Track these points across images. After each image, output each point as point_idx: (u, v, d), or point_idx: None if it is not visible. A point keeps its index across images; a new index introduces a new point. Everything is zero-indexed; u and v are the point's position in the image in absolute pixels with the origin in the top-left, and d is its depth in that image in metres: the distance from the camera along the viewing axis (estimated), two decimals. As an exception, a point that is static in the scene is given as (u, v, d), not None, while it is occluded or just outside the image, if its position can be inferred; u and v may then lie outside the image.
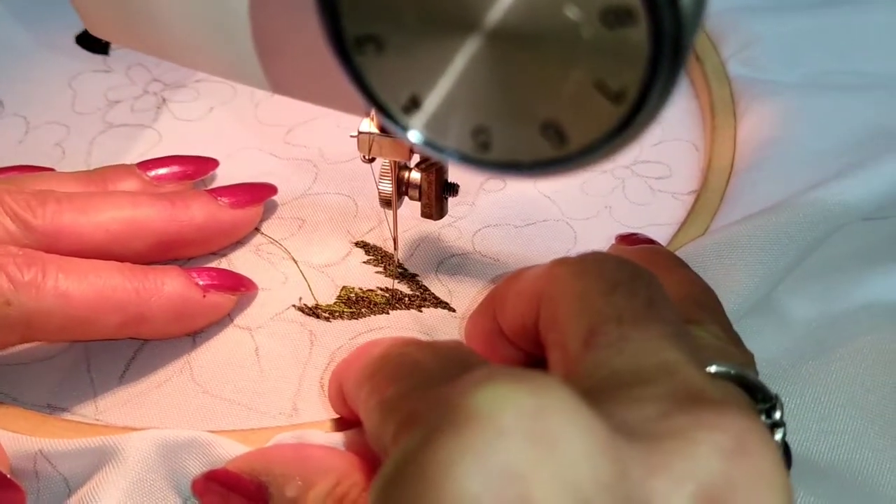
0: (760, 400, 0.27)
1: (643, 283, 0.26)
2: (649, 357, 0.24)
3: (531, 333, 0.29)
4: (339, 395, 0.32)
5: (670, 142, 0.45)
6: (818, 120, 0.42)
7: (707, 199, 0.41)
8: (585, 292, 0.26)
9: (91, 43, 0.50)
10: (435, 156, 0.26)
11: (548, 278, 0.28)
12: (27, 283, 0.32)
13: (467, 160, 0.26)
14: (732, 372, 0.26)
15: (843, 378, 0.35)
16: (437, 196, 0.36)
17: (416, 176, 0.36)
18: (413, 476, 0.20)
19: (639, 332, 0.24)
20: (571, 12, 0.22)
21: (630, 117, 0.23)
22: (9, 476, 0.30)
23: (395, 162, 0.35)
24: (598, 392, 0.23)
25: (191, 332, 0.36)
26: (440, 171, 0.36)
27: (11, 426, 0.32)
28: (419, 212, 0.37)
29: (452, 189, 0.36)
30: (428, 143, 0.26)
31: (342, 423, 0.33)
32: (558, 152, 0.24)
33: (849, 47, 0.46)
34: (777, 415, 0.27)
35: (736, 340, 0.29)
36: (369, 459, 0.29)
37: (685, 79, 0.48)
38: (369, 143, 0.34)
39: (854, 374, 0.35)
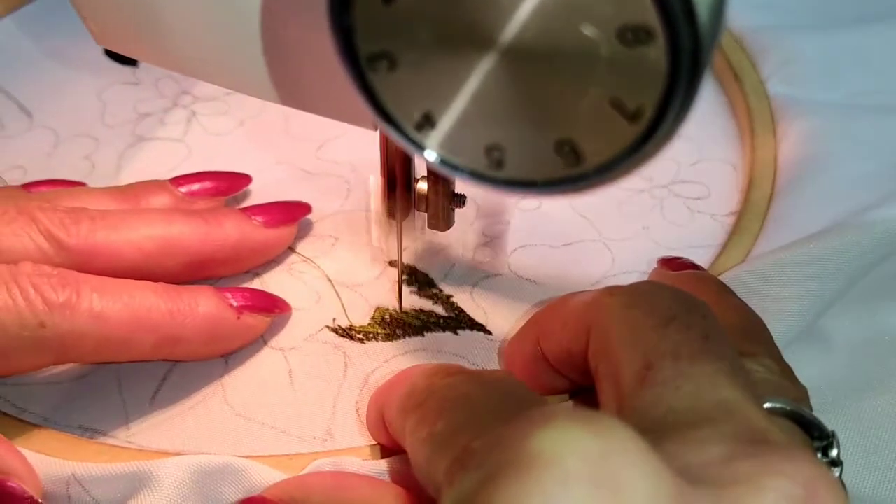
0: (816, 437, 0.26)
1: (698, 315, 0.25)
2: (708, 395, 0.23)
3: (577, 362, 0.28)
4: (378, 421, 0.31)
5: (708, 161, 0.44)
6: (860, 141, 0.41)
7: (748, 221, 0.40)
8: (638, 325, 0.25)
9: (120, 54, 0.49)
10: (448, 173, 0.26)
11: (597, 308, 0.27)
12: (62, 305, 0.31)
13: (480, 178, 0.25)
14: (788, 408, 0.26)
15: (889, 411, 0.34)
16: (445, 207, 0.36)
17: (422, 186, 0.35)
18: None
19: (695, 368, 0.24)
20: (588, 30, 0.21)
21: (646, 136, 0.22)
22: (41, 501, 0.30)
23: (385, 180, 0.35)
24: (657, 432, 0.22)
25: (224, 354, 0.36)
26: (447, 182, 0.35)
27: (44, 449, 0.32)
28: (426, 223, 0.36)
29: (460, 200, 0.36)
30: (441, 160, 0.25)
31: (381, 450, 0.32)
32: (573, 171, 0.24)
33: (888, 65, 0.45)
34: (834, 452, 0.26)
35: (789, 374, 0.28)
36: (413, 491, 0.29)
37: (723, 97, 0.47)
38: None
39: None
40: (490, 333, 0.37)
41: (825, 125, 0.42)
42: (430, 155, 0.25)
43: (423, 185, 0.35)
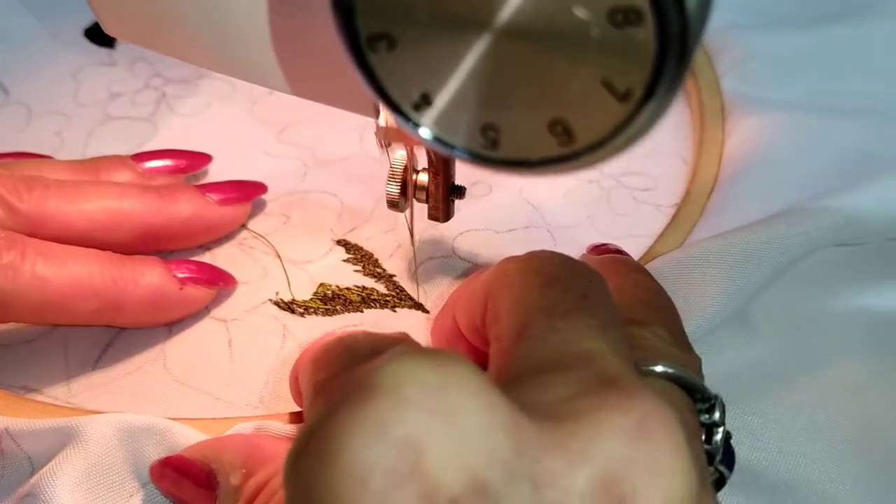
0: (700, 400, 0.27)
1: (581, 279, 0.26)
2: (572, 346, 0.24)
3: (481, 331, 0.29)
4: (295, 385, 0.32)
5: (659, 154, 0.45)
6: (805, 141, 0.42)
7: (688, 211, 0.41)
8: (525, 287, 0.26)
9: (98, 36, 0.51)
10: (444, 152, 0.27)
11: (496, 275, 0.28)
12: (5, 265, 0.33)
13: (476, 157, 0.26)
14: (671, 371, 0.26)
15: (805, 401, 0.34)
16: (445, 198, 0.37)
17: (423, 178, 0.36)
18: (315, 448, 0.20)
19: (566, 323, 0.24)
20: (580, 11, 0.22)
21: (636, 115, 0.23)
22: None
23: (411, 165, 0.36)
24: (520, 379, 0.23)
25: (166, 323, 0.37)
26: (447, 174, 0.36)
27: (-17, 405, 0.33)
28: (426, 214, 0.37)
29: (459, 191, 0.37)
30: (438, 139, 0.26)
31: (301, 415, 0.33)
32: (565, 150, 0.25)
33: (845, 66, 0.46)
34: (716, 415, 0.27)
35: (682, 344, 0.29)
36: None
37: (679, 91, 0.48)
38: (384, 129, 0.35)
39: (817, 398, 0.34)
40: (427, 312, 0.38)
41: (773, 123, 0.43)
42: (425, 133, 0.26)
43: (423, 177, 0.36)
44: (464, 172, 0.38)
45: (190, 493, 0.30)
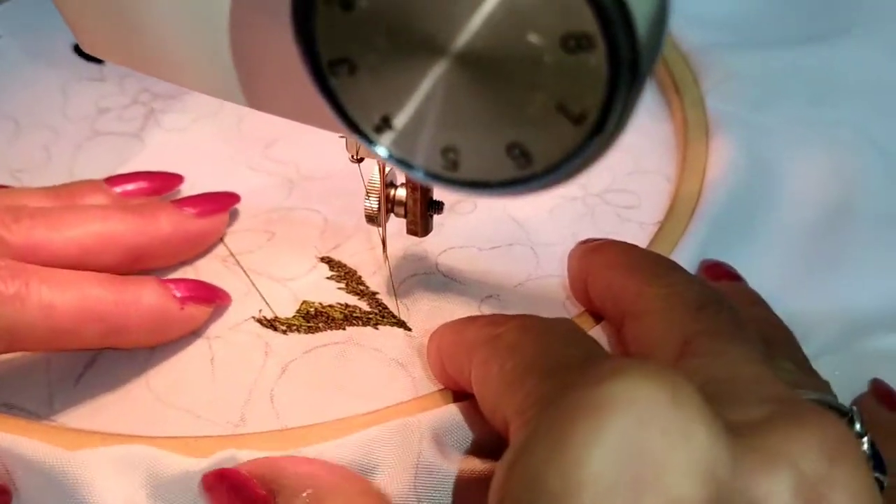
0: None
1: (727, 306, 0.28)
2: (744, 368, 0.25)
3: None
4: (439, 362, 0.33)
5: (643, 172, 0.45)
6: (788, 162, 0.43)
7: (671, 229, 0.41)
8: (672, 310, 0.28)
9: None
10: (405, 173, 0.27)
11: (633, 301, 0.30)
12: (11, 296, 0.32)
13: (436, 178, 0.27)
14: (816, 398, 0.28)
15: None
16: (423, 213, 0.37)
17: (401, 193, 0.37)
18: (550, 450, 0.21)
19: (732, 346, 0.26)
20: (534, 38, 0.22)
21: (591, 139, 0.24)
22: None
23: (382, 181, 0.36)
24: None
25: (165, 343, 0.37)
26: (425, 189, 0.36)
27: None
28: (405, 229, 0.38)
29: (437, 206, 0.37)
30: (399, 160, 0.27)
31: (286, 436, 0.33)
32: (523, 172, 0.25)
33: (828, 87, 0.46)
34: (857, 426, 0.28)
35: (809, 371, 0.31)
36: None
37: (664, 109, 0.48)
38: (357, 143, 0.35)
39: None
40: (410, 329, 0.38)
41: (755, 143, 0.43)
42: (386, 154, 0.27)
43: (401, 192, 0.36)
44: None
45: None
